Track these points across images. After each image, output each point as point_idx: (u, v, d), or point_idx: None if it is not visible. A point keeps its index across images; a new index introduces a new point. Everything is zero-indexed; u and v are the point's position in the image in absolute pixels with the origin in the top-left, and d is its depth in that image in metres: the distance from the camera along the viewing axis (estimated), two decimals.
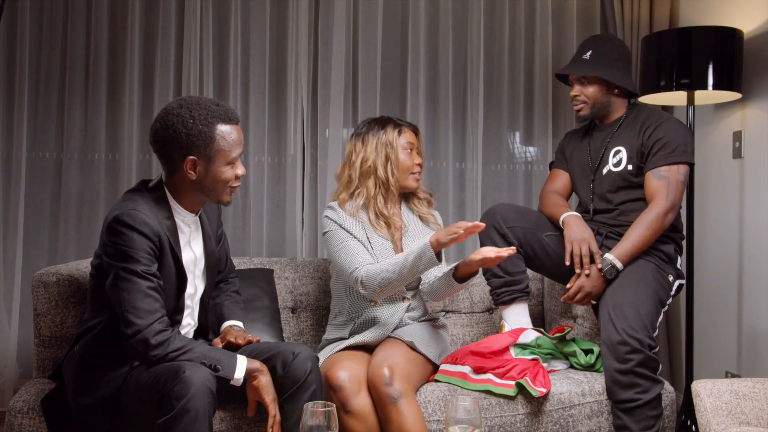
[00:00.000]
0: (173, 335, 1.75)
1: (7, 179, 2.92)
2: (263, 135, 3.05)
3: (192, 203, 1.91)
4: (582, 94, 2.42)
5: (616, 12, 3.13)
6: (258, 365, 1.81)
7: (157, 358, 1.71)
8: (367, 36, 3.10)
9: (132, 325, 1.71)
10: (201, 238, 1.99)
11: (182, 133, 1.78)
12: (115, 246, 1.74)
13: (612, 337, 2.12)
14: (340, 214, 2.23)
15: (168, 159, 1.84)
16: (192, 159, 1.80)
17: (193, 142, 1.79)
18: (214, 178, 1.83)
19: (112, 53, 3.01)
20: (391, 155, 2.23)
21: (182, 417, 1.59)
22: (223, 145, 1.82)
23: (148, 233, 1.75)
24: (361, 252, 2.16)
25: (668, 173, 2.28)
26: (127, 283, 1.72)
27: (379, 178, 2.23)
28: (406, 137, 2.27)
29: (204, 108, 1.81)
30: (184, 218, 1.91)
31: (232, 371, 1.76)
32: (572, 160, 2.56)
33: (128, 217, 1.74)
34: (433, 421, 2.04)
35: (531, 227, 2.40)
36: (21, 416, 1.90)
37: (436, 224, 2.37)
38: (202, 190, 1.86)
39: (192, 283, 1.94)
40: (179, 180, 1.86)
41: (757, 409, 1.86)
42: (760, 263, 2.64)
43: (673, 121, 2.35)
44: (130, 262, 1.73)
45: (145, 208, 1.79)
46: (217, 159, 1.82)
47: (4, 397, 2.81)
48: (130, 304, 1.71)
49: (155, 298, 1.75)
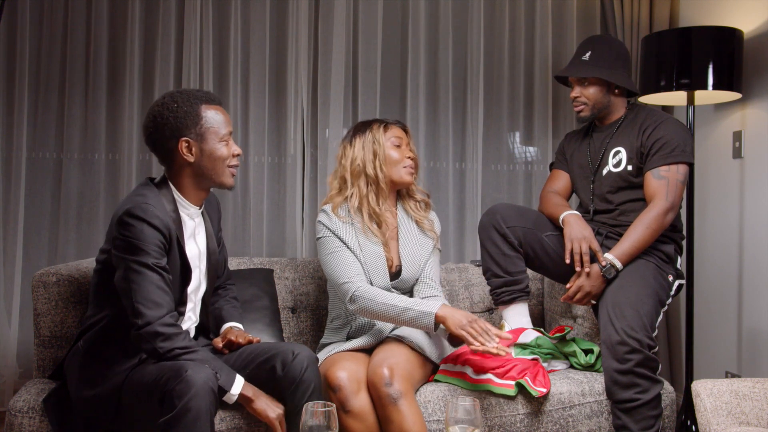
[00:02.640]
0: (182, 332, 1.77)
1: (7, 179, 2.92)
2: (263, 135, 3.05)
3: (195, 194, 1.93)
4: (582, 96, 2.42)
5: (616, 12, 3.13)
6: (251, 393, 1.81)
7: (163, 351, 1.72)
8: (367, 36, 3.10)
9: (143, 316, 1.72)
10: (204, 234, 2.00)
11: (169, 118, 1.85)
12: (125, 239, 1.76)
13: (611, 337, 2.12)
14: (332, 219, 2.22)
15: (164, 150, 1.89)
16: (185, 140, 1.86)
17: (182, 123, 1.85)
18: (210, 156, 1.88)
19: (112, 53, 3.01)
20: (378, 151, 2.22)
21: (183, 416, 1.59)
22: (211, 123, 1.88)
23: (159, 226, 1.77)
24: (352, 263, 2.15)
25: (668, 173, 2.28)
26: (137, 275, 1.74)
27: (368, 176, 2.23)
28: (393, 132, 2.27)
29: (185, 93, 1.91)
30: (188, 211, 1.93)
31: (230, 384, 1.78)
32: (572, 161, 2.56)
33: (140, 210, 1.76)
34: (433, 421, 2.04)
35: (531, 227, 2.40)
36: (21, 416, 1.91)
37: (431, 231, 2.33)
38: (203, 172, 1.89)
39: (197, 277, 1.95)
40: (179, 169, 1.90)
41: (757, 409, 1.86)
42: (760, 263, 2.64)
43: (672, 122, 2.36)
44: (141, 255, 1.74)
45: (155, 201, 1.82)
46: (209, 136, 1.88)
47: (4, 397, 2.81)
48: (141, 295, 1.73)
49: (165, 291, 1.77)
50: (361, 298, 2.07)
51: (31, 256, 2.97)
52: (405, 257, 2.26)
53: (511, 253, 2.37)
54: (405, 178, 2.27)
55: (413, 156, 2.29)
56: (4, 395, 2.82)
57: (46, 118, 2.99)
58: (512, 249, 2.37)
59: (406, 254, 2.26)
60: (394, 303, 2.03)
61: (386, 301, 2.04)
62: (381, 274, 2.21)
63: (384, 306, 2.04)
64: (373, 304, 2.05)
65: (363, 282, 2.12)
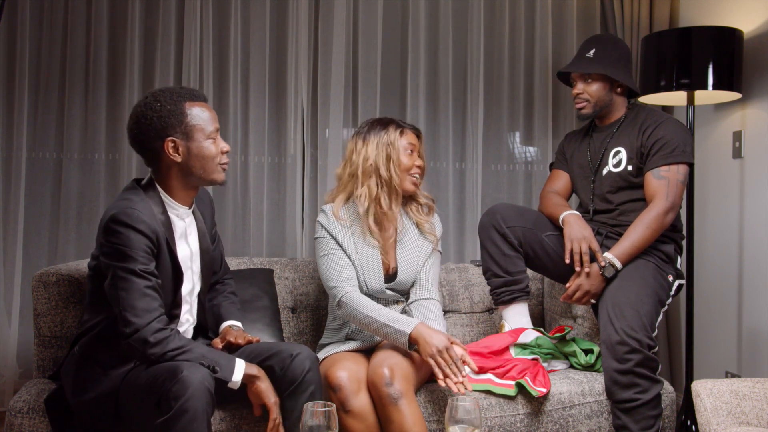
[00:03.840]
0: (172, 334, 1.75)
1: (7, 179, 2.92)
2: (263, 135, 3.05)
3: (184, 194, 1.90)
4: (585, 93, 2.41)
5: (616, 12, 3.13)
6: (256, 371, 1.80)
7: (155, 357, 1.71)
8: (367, 36, 3.10)
9: (130, 324, 1.70)
10: (196, 234, 1.98)
11: (153, 118, 1.81)
12: (112, 246, 1.73)
13: (611, 337, 2.12)
14: (331, 220, 2.21)
15: (150, 151, 1.85)
16: (171, 140, 1.82)
17: (166, 122, 1.81)
18: (198, 155, 1.84)
19: (112, 53, 3.01)
20: (393, 155, 2.20)
21: (180, 417, 1.59)
22: (197, 120, 1.84)
23: (146, 231, 1.75)
24: (344, 268, 2.15)
25: (668, 173, 2.28)
26: (125, 282, 1.72)
27: (381, 177, 2.20)
28: (408, 138, 2.25)
29: (168, 91, 1.86)
30: (177, 212, 1.90)
31: (230, 373, 1.76)
32: (572, 161, 2.56)
33: (125, 216, 1.73)
34: (433, 421, 2.04)
35: (531, 227, 2.40)
36: (21, 416, 1.90)
37: (431, 234, 2.30)
38: (192, 171, 1.85)
39: (189, 279, 1.93)
40: (166, 170, 1.86)
41: (757, 409, 1.86)
42: (760, 263, 2.64)
43: (672, 122, 2.36)
44: (127, 261, 1.72)
45: (141, 206, 1.79)
46: (195, 134, 1.83)
47: (4, 397, 2.81)
48: (128, 303, 1.71)
49: (153, 297, 1.74)
50: (347, 305, 2.09)
51: (31, 256, 2.97)
52: (401, 260, 2.25)
53: (511, 253, 2.38)
54: (408, 188, 2.25)
55: (422, 164, 2.27)
56: (4, 395, 2.82)
57: (46, 118, 2.99)
58: (512, 249, 2.38)
59: (402, 257, 2.26)
60: (375, 316, 2.04)
61: (369, 313, 2.05)
62: (376, 276, 2.20)
63: (366, 318, 2.05)
64: (357, 313, 2.07)
65: (352, 288, 2.12)
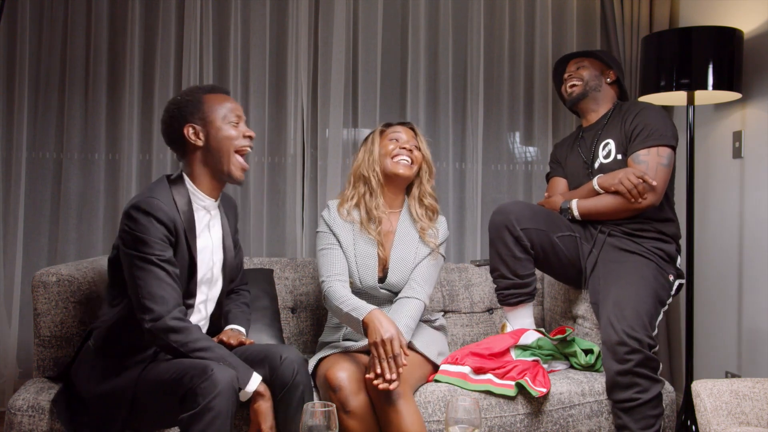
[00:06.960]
0: (192, 326, 1.77)
1: (7, 179, 2.92)
2: (263, 135, 3.05)
3: (210, 185, 1.94)
4: (577, 75, 2.54)
5: (616, 12, 3.14)
6: (263, 389, 1.80)
7: (178, 344, 1.73)
8: (367, 36, 3.11)
9: (150, 312, 1.73)
10: (220, 228, 2.01)
11: (174, 110, 1.90)
12: (131, 233, 1.77)
13: (611, 337, 2.12)
14: (332, 215, 2.27)
15: (175, 141, 1.92)
16: (190, 125, 1.89)
17: (185, 110, 1.89)
18: (216, 137, 1.89)
19: (112, 53, 3.01)
20: (374, 152, 2.29)
21: (205, 414, 1.60)
22: (214, 107, 1.91)
23: (164, 219, 1.78)
24: (336, 263, 2.18)
25: (647, 157, 2.31)
26: (142, 271, 1.75)
27: (364, 177, 2.28)
28: (392, 130, 2.32)
29: (191, 88, 1.98)
30: (203, 203, 1.94)
31: (245, 382, 1.77)
32: (566, 164, 2.59)
33: (145, 204, 1.78)
34: (433, 421, 2.04)
35: (544, 228, 2.36)
36: (21, 415, 1.91)
37: (431, 241, 2.29)
38: (212, 156, 1.90)
39: (209, 270, 1.95)
40: (191, 157, 1.92)
41: (757, 409, 1.86)
42: (760, 263, 2.64)
43: (652, 108, 2.41)
44: (144, 249, 1.75)
45: (163, 195, 1.83)
46: (214, 118, 1.90)
47: (4, 396, 2.81)
48: (147, 290, 1.74)
49: (171, 285, 1.77)
50: (327, 298, 2.13)
51: (31, 256, 2.97)
52: (395, 260, 2.26)
53: (522, 256, 2.33)
54: (396, 170, 2.25)
55: (408, 147, 2.27)
56: (4, 395, 2.82)
57: (46, 118, 2.99)
58: (524, 252, 2.33)
59: (396, 258, 2.26)
60: (341, 306, 2.06)
61: (338, 303, 2.08)
62: (370, 273, 2.23)
63: (337, 309, 2.08)
64: (332, 304, 2.11)
65: (337, 282, 2.15)
